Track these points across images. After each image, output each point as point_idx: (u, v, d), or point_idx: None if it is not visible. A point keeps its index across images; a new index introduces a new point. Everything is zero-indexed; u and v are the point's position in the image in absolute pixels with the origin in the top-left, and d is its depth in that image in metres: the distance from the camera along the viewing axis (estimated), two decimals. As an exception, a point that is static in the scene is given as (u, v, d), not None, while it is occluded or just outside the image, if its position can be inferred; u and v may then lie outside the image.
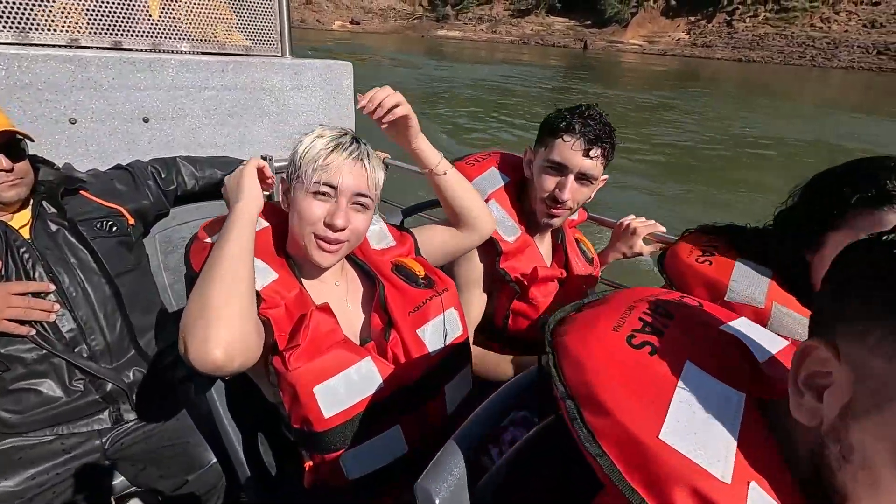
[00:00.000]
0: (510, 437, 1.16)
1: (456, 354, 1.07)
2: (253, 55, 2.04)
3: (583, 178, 1.23)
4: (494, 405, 0.77)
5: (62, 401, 1.21)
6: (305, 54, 2.19)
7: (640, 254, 1.50)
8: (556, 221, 1.30)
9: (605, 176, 1.30)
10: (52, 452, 1.20)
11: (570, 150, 1.19)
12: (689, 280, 0.99)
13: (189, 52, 1.89)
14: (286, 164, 1.00)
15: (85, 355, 1.24)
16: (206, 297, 0.79)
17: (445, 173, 1.13)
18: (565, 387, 0.53)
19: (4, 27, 1.56)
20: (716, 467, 0.43)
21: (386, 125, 1.06)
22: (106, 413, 1.28)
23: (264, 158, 1.94)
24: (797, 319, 0.86)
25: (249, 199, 0.95)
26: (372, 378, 0.93)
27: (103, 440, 1.27)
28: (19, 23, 1.59)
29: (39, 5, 1.61)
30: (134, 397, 1.30)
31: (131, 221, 1.45)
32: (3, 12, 1.55)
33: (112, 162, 1.61)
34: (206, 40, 1.94)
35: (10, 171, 1.18)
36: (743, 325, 0.61)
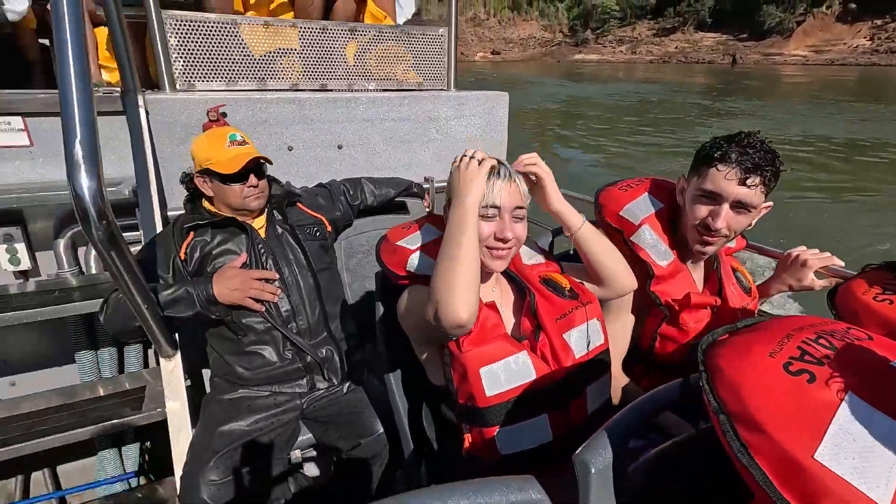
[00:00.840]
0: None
1: (598, 360, 1.16)
2: (424, 90, 2.36)
3: (740, 206, 1.20)
4: (643, 405, 0.84)
5: (277, 365, 1.55)
6: (466, 86, 2.45)
7: (811, 288, 1.39)
8: (709, 249, 1.28)
9: (769, 203, 1.27)
10: (268, 405, 1.53)
11: (724, 179, 1.17)
12: (862, 319, 0.91)
13: (375, 90, 2.26)
14: (445, 184, 1.16)
15: (294, 331, 1.57)
16: (455, 273, 0.98)
17: (586, 235, 1.20)
18: (718, 402, 0.57)
19: (250, 79, 2.05)
20: (875, 492, 0.44)
21: (529, 181, 1.18)
22: (304, 380, 1.59)
23: (427, 179, 2.23)
24: None
25: (478, 196, 1.07)
26: (527, 370, 1.07)
27: (301, 401, 1.58)
28: (260, 75, 2.07)
29: (273, 61, 2.08)
30: (325, 370, 1.60)
31: (329, 229, 1.79)
32: (251, 69, 2.04)
33: (314, 181, 2.00)
34: (387, 79, 2.30)
35: (257, 186, 1.56)
36: None
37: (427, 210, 2.20)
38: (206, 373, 1.81)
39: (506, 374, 1.05)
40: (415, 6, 2.68)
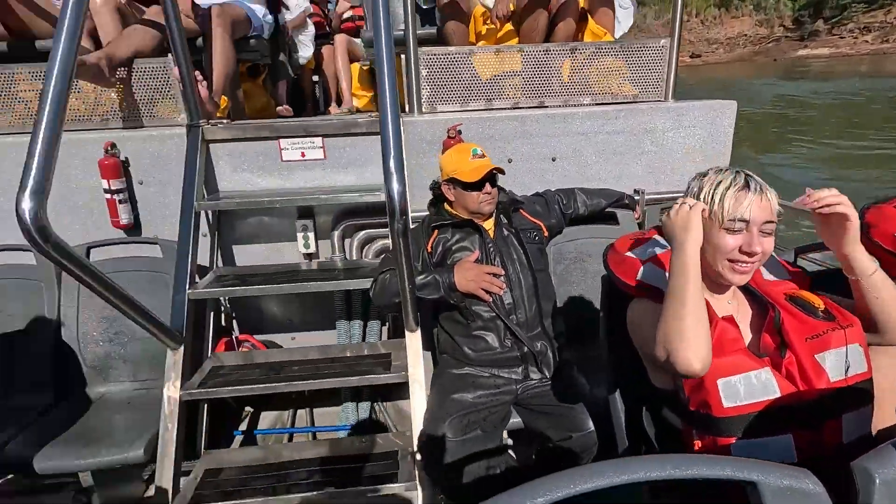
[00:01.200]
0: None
1: (858, 389, 1.06)
2: (640, 101, 2.38)
3: None
4: None
5: (497, 350, 1.75)
6: (686, 95, 2.38)
7: None
8: None
9: None
10: (489, 384, 1.74)
11: None
12: None
13: (590, 104, 2.37)
14: (656, 196, 1.17)
15: (514, 322, 1.75)
16: (685, 323, 1.02)
17: (878, 283, 1.08)
18: None
19: (480, 100, 2.35)
20: None
21: (819, 217, 1.09)
22: (519, 368, 1.76)
23: (637, 192, 2.24)
24: None
25: (697, 241, 1.09)
26: (770, 386, 1.04)
27: (516, 387, 1.76)
28: (487, 96, 2.35)
29: (498, 85, 2.35)
30: (538, 362, 1.76)
31: (545, 234, 1.95)
32: (480, 91, 2.34)
33: (529, 191, 2.18)
34: (602, 93, 2.38)
35: (490, 194, 1.80)
36: None
37: (637, 221, 2.21)
38: (425, 354, 2.11)
39: (745, 388, 1.05)
40: (632, 19, 2.70)
